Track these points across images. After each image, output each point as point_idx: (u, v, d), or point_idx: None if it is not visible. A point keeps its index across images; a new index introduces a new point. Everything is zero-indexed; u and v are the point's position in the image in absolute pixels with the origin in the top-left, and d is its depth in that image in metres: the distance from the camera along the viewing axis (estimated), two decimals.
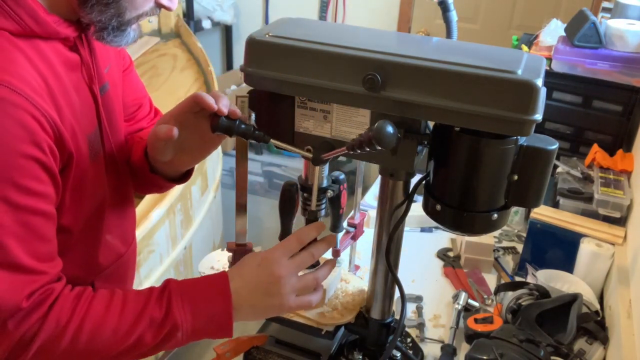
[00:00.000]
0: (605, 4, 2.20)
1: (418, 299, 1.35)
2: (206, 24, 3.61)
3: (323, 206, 0.95)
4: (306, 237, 0.87)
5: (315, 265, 0.92)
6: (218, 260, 1.10)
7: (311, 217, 0.92)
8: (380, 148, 0.71)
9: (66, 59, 0.83)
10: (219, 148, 2.84)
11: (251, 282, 0.83)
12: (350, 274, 1.13)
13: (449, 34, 1.07)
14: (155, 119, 1.14)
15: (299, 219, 0.99)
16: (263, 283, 0.82)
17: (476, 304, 1.29)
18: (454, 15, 1.07)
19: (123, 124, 1.02)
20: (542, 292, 1.23)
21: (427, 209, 0.85)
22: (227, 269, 1.07)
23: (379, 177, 0.92)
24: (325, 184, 0.93)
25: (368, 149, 0.73)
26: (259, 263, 0.84)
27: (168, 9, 0.86)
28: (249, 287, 0.83)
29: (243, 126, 0.81)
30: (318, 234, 0.89)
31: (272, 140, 0.84)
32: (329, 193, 0.93)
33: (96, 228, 0.95)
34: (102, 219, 0.95)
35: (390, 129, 0.70)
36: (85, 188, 0.86)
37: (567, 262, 1.38)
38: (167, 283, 0.82)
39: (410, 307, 1.33)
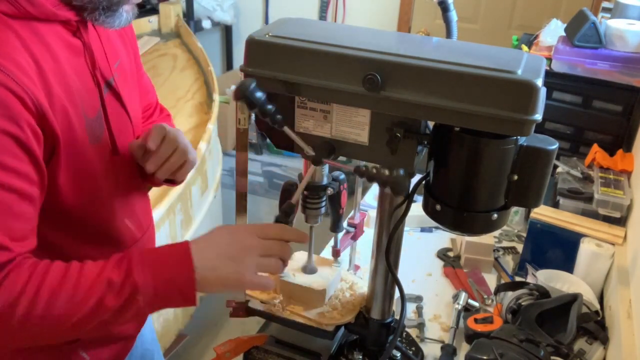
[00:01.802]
0: (605, 4, 2.20)
1: (418, 299, 1.35)
2: (206, 24, 3.61)
3: (323, 204, 0.95)
4: (286, 234, 0.86)
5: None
6: None
7: (288, 210, 0.90)
8: (389, 191, 0.73)
9: (68, 43, 0.84)
10: (219, 148, 2.84)
11: (219, 245, 0.82)
12: (350, 273, 1.13)
13: (449, 34, 1.07)
14: (160, 115, 1.20)
15: (299, 220, 0.99)
16: (230, 248, 0.82)
17: (476, 304, 1.29)
18: (454, 15, 1.06)
19: (138, 116, 1.04)
20: (542, 292, 1.23)
21: (427, 209, 0.85)
22: None
23: None
24: (325, 181, 0.93)
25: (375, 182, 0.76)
26: (232, 231, 0.84)
27: None
28: (215, 250, 0.81)
29: (269, 106, 0.79)
30: (297, 241, 0.88)
31: (285, 128, 0.82)
32: (329, 191, 0.93)
33: (110, 212, 0.96)
34: (115, 204, 0.97)
35: (405, 179, 0.73)
36: (85, 171, 0.87)
37: (567, 262, 1.38)
38: (127, 252, 0.80)
39: (410, 307, 1.33)
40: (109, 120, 0.91)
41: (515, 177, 0.78)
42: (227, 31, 3.92)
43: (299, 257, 1.07)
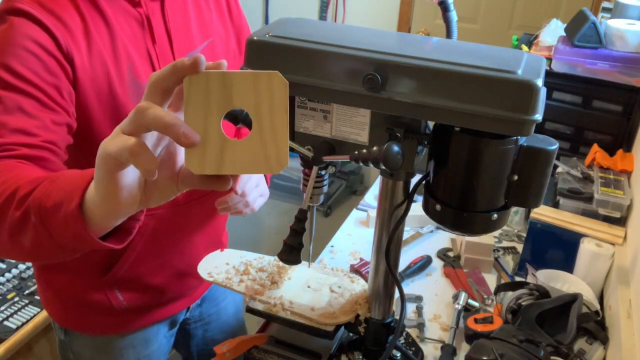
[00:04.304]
0: (605, 4, 2.20)
1: (418, 299, 1.35)
2: None
3: (325, 182, 0.94)
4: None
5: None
6: (216, 267, 1.10)
7: (300, 216, 0.90)
8: (384, 168, 0.72)
9: (129, 14, 0.98)
10: None
11: None
12: (350, 273, 1.13)
13: (449, 34, 1.07)
14: None
15: (296, 204, 0.98)
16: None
17: (476, 304, 1.29)
18: (454, 15, 1.06)
19: None
20: (542, 292, 1.23)
21: (427, 209, 0.85)
22: (225, 277, 1.08)
23: (379, 177, 0.92)
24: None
25: (372, 165, 0.74)
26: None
27: None
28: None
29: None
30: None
31: None
32: (331, 169, 0.92)
33: None
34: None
35: (398, 152, 0.72)
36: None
37: (567, 262, 1.38)
38: (30, 204, 0.70)
39: (410, 307, 1.33)
40: None
41: (515, 177, 0.78)
42: None
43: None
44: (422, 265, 1.46)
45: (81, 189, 0.64)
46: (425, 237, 1.61)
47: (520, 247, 1.53)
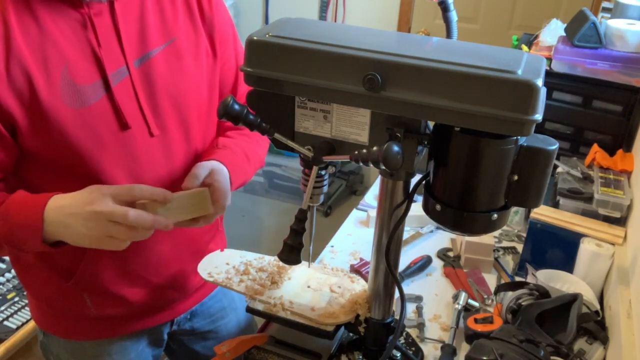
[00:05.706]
0: (605, 4, 2.20)
1: (418, 299, 1.35)
2: None
3: (325, 182, 0.94)
4: (139, 193, 0.92)
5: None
6: (216, 267, 1.10)
7: (300, 216, 0.91)
8: (384, 168, 0.72)
9: (67, 16, 0.95)
10: None
11: (72, 204, 0.91)
12: (350, 273, 1.13)
13: (449, 34, 1.07)
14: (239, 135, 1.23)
15: (296, 204, 0.99)
16: (80, 211, 0.89)
17: (476, 304, 1.29)
18: (454, 15, 1.06)
19: (178, 98, 1.07)
20: (542, 292, 1.23)
21: (427, 209, 0.85)
22: (225, 277, 1.08)
23: (379, 177, 0.92)
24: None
25: (372, 165, 0.74)
26: (89, 198, 0.90)
27: None
28: (69, 207, 0.91)
29: (251, 116, 0.82)
30: (155, 198, 0.94)
31: (275, 135, 0.84)
32: (331, 169, 0.92)
33: (97, 172, 1.02)
34: (107, 167, 1.01)
35: (398, 152, 0.72)
36: (54, 126, 0.94)
37: (567, 262, 1.38)
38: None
39: (410, 307, 1.33)
40: (114, 94, 0.98)
41: (516, 177, 0.78)
42: None
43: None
44: (422, 265, 1.46)
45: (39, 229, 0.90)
46: (425, 237, 1.61)
47: (520, 247, 1.53)
